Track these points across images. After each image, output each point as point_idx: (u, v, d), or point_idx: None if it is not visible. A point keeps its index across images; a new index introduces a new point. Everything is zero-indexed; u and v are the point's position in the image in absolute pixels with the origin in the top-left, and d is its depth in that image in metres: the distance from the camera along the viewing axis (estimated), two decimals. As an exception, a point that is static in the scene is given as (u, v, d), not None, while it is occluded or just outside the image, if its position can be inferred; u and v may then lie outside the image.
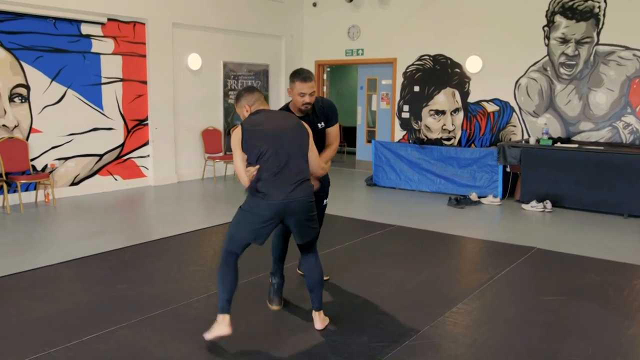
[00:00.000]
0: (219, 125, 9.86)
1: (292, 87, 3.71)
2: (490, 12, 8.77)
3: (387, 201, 7.93)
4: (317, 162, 3.51)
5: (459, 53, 9.21)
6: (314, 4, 10.90)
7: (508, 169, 7.91)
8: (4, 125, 7.08)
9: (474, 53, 9.00)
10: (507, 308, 3.93)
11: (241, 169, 3.30)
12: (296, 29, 11.08)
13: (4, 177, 6.94)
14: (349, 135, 12.79)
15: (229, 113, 9.96)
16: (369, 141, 10.65)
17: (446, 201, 7.72)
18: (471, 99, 9.20)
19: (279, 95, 10.97)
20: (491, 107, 9.00)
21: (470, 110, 9.22)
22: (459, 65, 9.24)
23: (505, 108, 8.84)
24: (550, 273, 4.71)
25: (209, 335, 3.28)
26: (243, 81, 10.18)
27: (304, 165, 3.37)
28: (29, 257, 5.03)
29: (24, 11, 7.07)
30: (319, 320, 3.54)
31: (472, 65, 9.06)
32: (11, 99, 7.14)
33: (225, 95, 9.86)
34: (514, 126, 8.77)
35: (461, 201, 7.61)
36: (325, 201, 4.16)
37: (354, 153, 11.79)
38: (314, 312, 3.57)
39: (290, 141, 3.32)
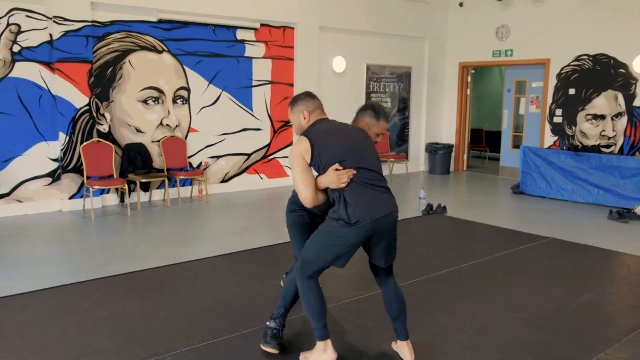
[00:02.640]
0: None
1: (369, 122, 3.23)
2: (665, 6, 7.87)
3: (537, 211, 7.41)
4: None
5: (625, 52, 8.36)
6: (461, 4, 10.55)
7: (683, 182, 7.04)
8: (167, 125, 7.70)
9: (644, 52, 8.13)
10: (698, 341, 3.44)
11: (308, 181, 2.81)
12: (441, 30, 10.81)
13: (166, 173, 7.53)
14: (491, 140, 12.26)
15: (370, 116, 9.95)
16: (516, 147, 10.09)
17: (606, 214, 7.05)
18: (638, 102, 8.31)
19: (420, 99, 10.78)
20: (662, 112, 8.07)
21: (637, 115, 8.33)
22: (624, 66, 8.39)
23: (680, 113, 7.88)
24: None
25: None
26: (386, 84, 10.14)
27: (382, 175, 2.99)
28: (189, 249, 5.39)
29: (190, 20, 7.62)
30: (408, 351, 3.05)
31: (641, 65, 8.19)
32: (175, 101, 7.73)
33: (368, 98, 9.88)
34: (691, 134, 7.79)
35: (625, 215, 6.88)
36: None
37: (497, 159, 11.24)
38: (399, 342, 3.09)
39: (368, 152, 2.94)
